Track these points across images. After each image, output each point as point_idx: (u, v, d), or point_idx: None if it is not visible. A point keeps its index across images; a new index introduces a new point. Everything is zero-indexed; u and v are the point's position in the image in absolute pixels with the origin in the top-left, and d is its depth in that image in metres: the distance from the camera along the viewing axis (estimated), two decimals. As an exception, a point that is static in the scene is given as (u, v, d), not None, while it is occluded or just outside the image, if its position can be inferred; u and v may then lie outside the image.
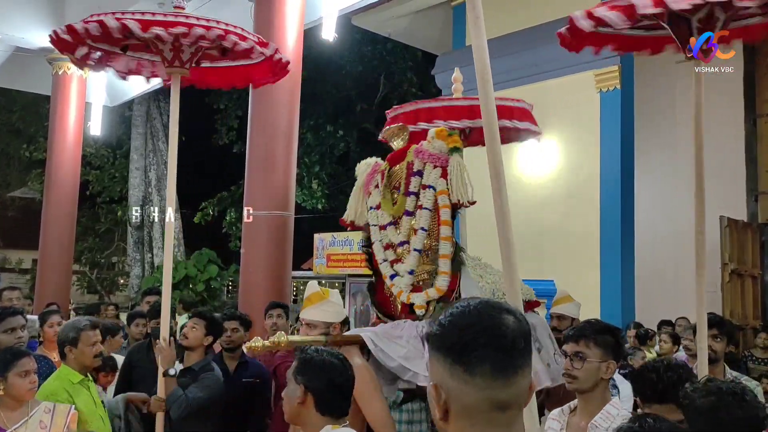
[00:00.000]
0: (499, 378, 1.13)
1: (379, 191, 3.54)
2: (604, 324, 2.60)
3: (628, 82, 7.45)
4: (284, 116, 5.82)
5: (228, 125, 17.04)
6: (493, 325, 1.15)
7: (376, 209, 3.54)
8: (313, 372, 2.19)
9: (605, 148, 7.40)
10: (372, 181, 3.58)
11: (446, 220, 3.30)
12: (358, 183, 3.68)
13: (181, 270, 13.54)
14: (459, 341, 1.15)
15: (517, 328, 1.16)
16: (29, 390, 2.91)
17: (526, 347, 1.17)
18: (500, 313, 1.17)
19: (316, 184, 17.47)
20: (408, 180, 3.43)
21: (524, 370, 1.16)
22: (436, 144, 3.36)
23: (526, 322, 1.20)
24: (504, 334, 1.15)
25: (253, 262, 5.72)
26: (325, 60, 16.13)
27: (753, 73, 8.91)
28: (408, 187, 3.42)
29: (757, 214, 8.80)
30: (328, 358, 2.25)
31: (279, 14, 5.80)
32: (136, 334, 5.43)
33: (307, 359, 2.24)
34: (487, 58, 2.11)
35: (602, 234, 7.27)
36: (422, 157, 3.38)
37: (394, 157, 3.60)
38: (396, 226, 3.45)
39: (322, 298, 3.36)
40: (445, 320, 1.19)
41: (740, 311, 8.01)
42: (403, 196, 3.44)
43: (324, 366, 2.21)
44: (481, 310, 1.18)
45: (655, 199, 8.89)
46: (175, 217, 16.61)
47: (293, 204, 5.96)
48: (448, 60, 9.08)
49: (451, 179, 3.28)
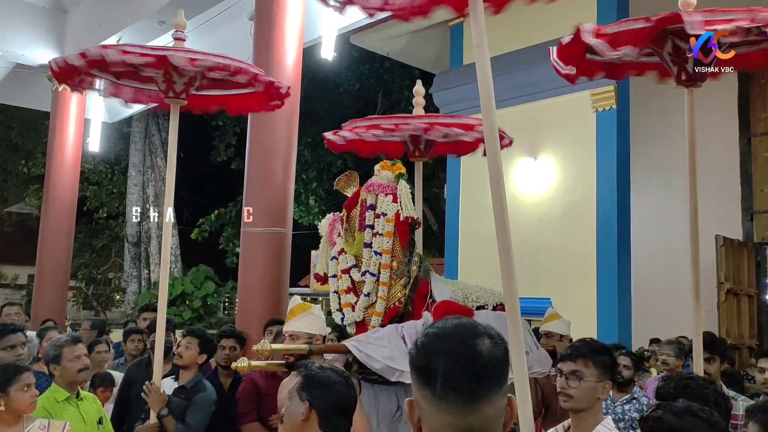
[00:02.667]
0: (467, 405, 1.12)
1: (341, 238, 3.78)
2: (600, 344, 2.59)
3: (623, 101, 7.52)
4: (283, 134, 5.86)
5: (226, 142, 17.11)
6: (465, 351, 1.14)
7: (337, 257, 3.78)
8: (318, 389, 2.18)
9: (601, 167, 7.45)
10: (333, 231, 3.84)
11: (389, 231, 3.57)
12: (323, 238, 3.91)
13: (177, 286, 13.52)
14: (428, 365, 1.15)
15: (491, 353, 1.15)
16: (31, 404, 2.92)
17: (499, 373, 1.16)
18: (475, 338, 1.16)
19: (313, 200, 17.50)
20: (362, 216, 3.71)
21: (493, 397, 1.14)
22: (383, 174, 3.69)
23: (503, 345, 1.18)
24: (474, 360, 1.13)
25: (250, 278, 5.73)
26: (324, 78, 16.25)
27: (747, 93, 9.01)
28: (363, 223, 3.69)
29: (753, 234, 8.84)
30: (332, 375, 2.24)
31: (278, 33, 5.85)
32: (132, 350, 5.44)
33: (312, 376, 2.22)
34: (490, 78, 2.13)
35: (599, 252, 7.29)
36: (373, 189, 3.69)
37: (350, 203, 3.89)
38: (358, 267, 3.69)
39: (305, 309, 3.39)
40: (420, 340, 1.19)
41: (736, 330, 8.03)
42: (359, 232, 3.69)
43: (329, 384, 2.20)
44: (456, 334, 1.17)
45: (651, 218, 8.93)
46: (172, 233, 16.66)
47: (291, 221, 5.98)
48: (446, 79, 9.17)
49: (401, 200, 3.59)
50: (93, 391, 4.35)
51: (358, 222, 3.73)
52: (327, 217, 3.99)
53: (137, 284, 16.51)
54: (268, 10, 5.93)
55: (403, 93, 16.93)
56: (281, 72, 5.81)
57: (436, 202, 16.67)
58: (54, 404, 3.31)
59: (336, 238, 3.81)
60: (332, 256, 3.81)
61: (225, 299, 15.89)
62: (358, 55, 15.34)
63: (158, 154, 16.56)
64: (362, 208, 3.74)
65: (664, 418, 1.71)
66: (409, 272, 3.57)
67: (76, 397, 3.46)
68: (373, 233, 3.63)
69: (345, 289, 3.69)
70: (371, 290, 3.60)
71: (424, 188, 15.97)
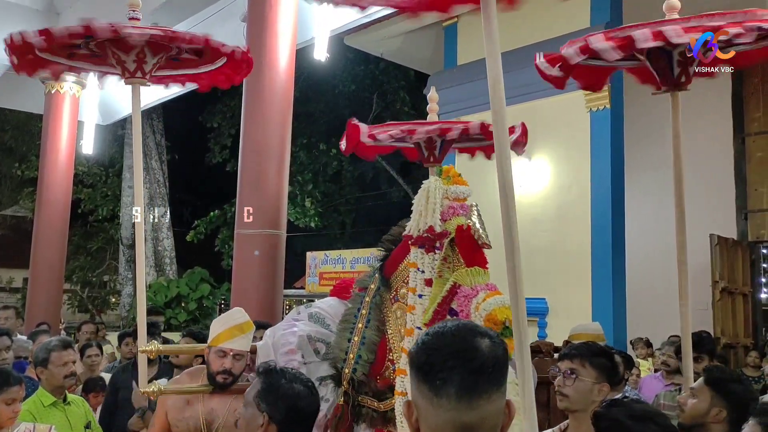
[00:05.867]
0: (464, 401, 1.14)
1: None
2: (600, 346, 2.59)
3: (617, 101, 7.53)
4: (276, 135, 5.84)
5: (221, 144, 17.08)
6: (464, 348, 1.16)
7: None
8: (278, 400, 1.98)
9: (596, 167, 7.45)
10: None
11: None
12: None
13: (173, 288, 13.49)
14: (427, 361, 1.17)
15: (490, 352, 1.17)
16: (9, 419, 2.87)
17: (498, 371, 1.17)
18: (474, 336, 1.19)
19: (309, 202, 17.49)
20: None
21: (492, 395, 1.16)
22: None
23: (503, 346, 1.21)
24: (473, 357, 1.15)
25: (244, 280, 5.70)
26: (318, 79, 16.24)
27: (741, 93, 9.02)
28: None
29: (747, 233, 8.85)
30: (296, 384, 2.04)
31: (271, 34, 5.84)
32: (126, 353, 5.42)
33: (272, 384, 2.02)
34: (501, 76, 2.08)
35: (593, 252, 7.30)
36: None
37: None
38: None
39: (251, 328, 3.07)
40: (420, 339, 1.22)
41: (731, 329, 8.03)
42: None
43: (291, 394, 2.00)
44: (456, 332, 1.19)
45: (646, 217, 8.94)
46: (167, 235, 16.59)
47: (285, 222, 5.96)
48: (440, 79, 9.16)
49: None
50: (85, 396, 4.32)
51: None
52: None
53: (132, 287, 16.47)
54: (260, 11, 5.91)
55: (399, 94, 16.93)
56: (274, 72, 5.80)
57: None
58: (40, 408, 3.29)
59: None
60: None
61: (221, 301, 15.86)
62: (352, 56, 15.34)
63: (153, 156, 16.52)
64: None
65: (621, 421, 1.68)
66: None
67: (63, 401, 3.43)
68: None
69: None
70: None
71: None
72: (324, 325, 3.16)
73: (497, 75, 2.06)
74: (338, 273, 12.32)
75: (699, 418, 2.42)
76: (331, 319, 3.18)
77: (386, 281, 3.15)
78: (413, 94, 15.97)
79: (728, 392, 2.43)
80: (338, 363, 2.95)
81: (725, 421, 2.39)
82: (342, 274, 11.94)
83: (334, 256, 12.73)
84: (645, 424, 1.65)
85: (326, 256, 12.98)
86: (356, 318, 3.09)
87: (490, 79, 2.04)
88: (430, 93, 4.24)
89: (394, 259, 3.16)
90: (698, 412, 2.42)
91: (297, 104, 6.09)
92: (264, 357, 3.03)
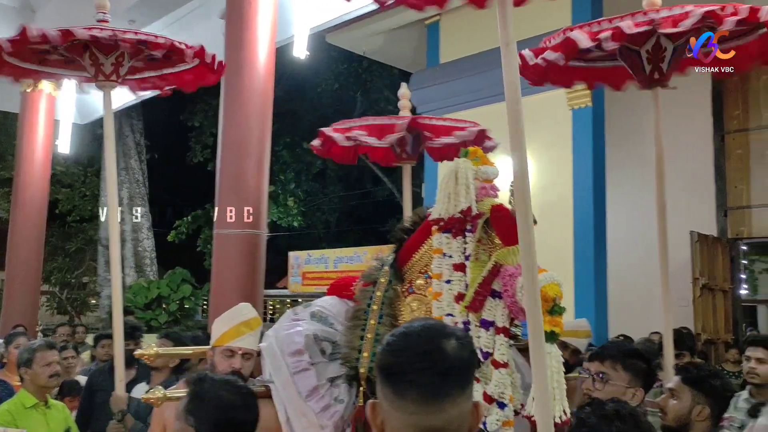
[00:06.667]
0: (428, 404, 1.11)
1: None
2: (635, 348, 2.43)
3: (598, 99, 7.54)
4: (256, 134, 5.77)
5: (203, 143, 16.94)
6: (429, 350, 1.13)
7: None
8: (206, 411, 1.77)
9: (577, 165, 7.46)
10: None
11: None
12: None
13: (153, 290, 13.34)
14: (392, 363, 1.14)
15: (456, 353, 1.14)
16: None
17: (463, 374, 1.14)
18: (441, 338, 1.15)
19: (291, 201, 17.40)
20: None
21: (456, 398, 1.13)
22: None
23: (470, 347, 1.18)
24: (438, 360, 1.12)
25: (224, 281, 5.63)
26: (302, 78, 16.16)
27: (721, 91, 9.09)
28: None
29: (727, 229, 8.92)
30: (226, 393, 1.81)
31: (250, 31, 5.77)
32: (102, 355, 5.36)
33: (199, 394, 1.80)
34: (518, 80, 2.04)
35: (575, 250, 7.31)
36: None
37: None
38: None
39: (259, 324, 2.91)
40: (386, 339, 1.19)
41: (712, 325, 8.09)
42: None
43: (220, 404, 1.78)
44: (422, 333, 1.16)
45: (627, 215, 8.98)
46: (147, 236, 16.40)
47: (265, 222, 5.89)
48: (423, 78, 9.14)
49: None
50: (61, 399, 4.25)
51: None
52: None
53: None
54: (239, 8, 5.84)
55: (383, 92, 16.88)
56: (253, 70, 5.73)
57: (418, 203, 16.67)
58: (20, 410, 3.26)
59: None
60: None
61: (203, 302, 15.73)
62: (336, 55, 15.27)
63: (132, 156, 16.33)
64: None
65: (586, 420, 1.63)
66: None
67: (44, 404, 3.39)
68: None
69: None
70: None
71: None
72: (327, 323, 3.00)
73: (513, 64, 2.00)
74: (321, 273, 12.26)
75: (683, 419, 2.38)
76: (334, 318, 3.03)
77: (399, 273, 3.05)
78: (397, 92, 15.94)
79: (708, 389, 2.39)
80: (351, 362, 2.81)
81: (708, 418, 2.36)
82: (325, 274, 11.88)
83: (317, 256, 12.67)
84: (613, 424, 1.58)
85: (309, 255, 12.91)
86: (367, 314, 2.95)
87: (505, 67, 1.99)
88: (401, 90, 4.21)
89: (408, 248, 3.06)
90: (681, 412, 2.37)
91: (280, 103, 6.03)
92: (270, 359, 2.86)
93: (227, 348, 2.77)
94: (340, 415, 2.73)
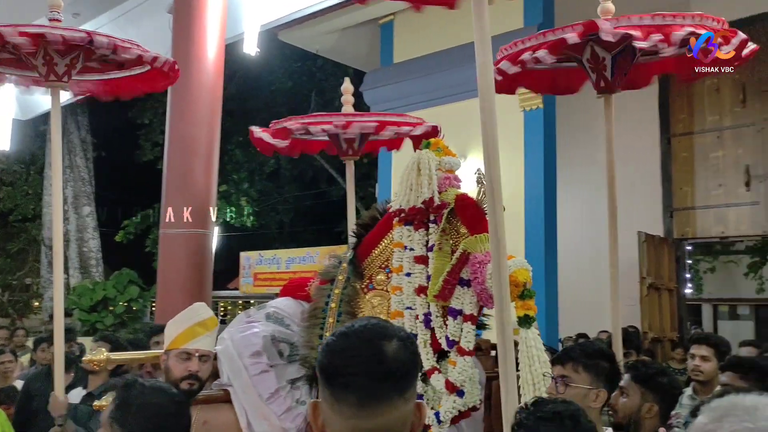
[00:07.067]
0: (365, 408, 1.07)
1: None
2: (598, 347, 2.42)
3: (549, 101, 7.63)
4: (204, 132, 5.63)
5: (152, 141, 16.53)
6: (368, 352, 1.10)
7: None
8: (134, 419, 1.66)
9: (529, 166, 7.54)
10: None
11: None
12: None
13: (98, 291, 12.93)
14: (330, 365, 1.11)
15: (396, 355, 1.10)
16: None
17: (404, 377, 1.11)
18: (382, 339, 1.11)
19: (244, 201, 17.14)
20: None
21: (397, 401, 1.09)
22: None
23: (412, 349, 1.14)
24: (377, 361, 1.09)
25: (170, 282, 5.48)
26: (255, 76, 15.93)
27: (667, 95, 9.32)
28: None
29: (673, 230, 9.15)
30: (156, 400, 1.71)
31: (199, 27, 5.63)
32: (42, 359, 5.20)
33: (127, 401, 1.69)
34: (492, 78, 2.04)
35: (527, 250, 7.37)
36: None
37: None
38: None
39: (216, 324, 2.76)
40: (327, 340, 1.15)
41: (658, 324, 8.28)
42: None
43: (149, 413, 1.67)
44: (363, 334, 1.12)
45: (577, 215, 9.12)
46: (93, 236, 15.90)
47: (213, 222, 5.76)
48: (376, 77, 9.10)
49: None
50: (-6, 407, 4.07)
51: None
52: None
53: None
54: (187, 3, 5.71)
55: (337, 91, 16.67)
56: (202, 66, 5.59)
57: (372, 201, 16.64)
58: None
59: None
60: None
61: (151, 304, 15.35)
62: (290, 53, 15.10)
63: (77, 153, 15.80)
64: None
65: (524, 423, 1.59)
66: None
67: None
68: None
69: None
70: None
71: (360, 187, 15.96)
72: (284, 325, 2.94)
73: (487, 61, 2.03)
74: (273, 273, 12.09)
75: (633, 416, 2.41)
76: (290, 319, 2.97)
77: (358, 270, 3.00)
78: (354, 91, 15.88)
79: (656, 386, 2.43)
80: (311, 363, 2.75)
81: (657, 415, 2.39)
82: (277, 275, 11.73)
83: (269, 257, 12.50)
84: (551, 424, 1.54)
85: (261, 256, 12.73)
86: (325, 313, 2.90)
87: (479, 66, 2.00)
88: (345, 84, 4.20)
89: (367, 244, 3.02)
90: (631, 410, 2.40)
91: (233, 101, 5.91)
92: (228, 362, 2.78)
93: (183, 350, 2.63)
94: (303, 418, 2.68)
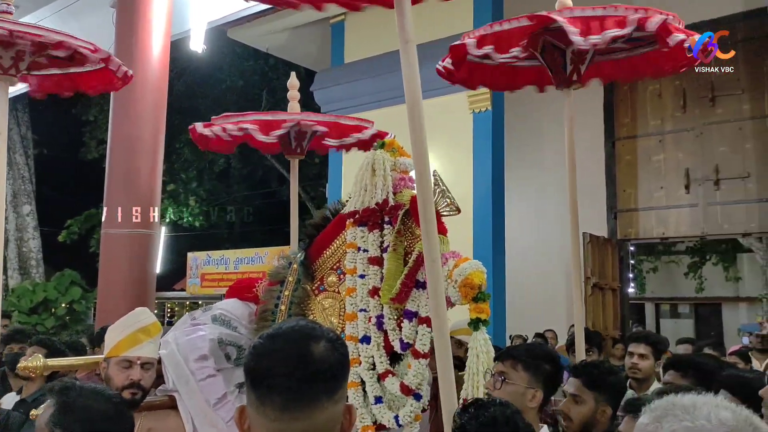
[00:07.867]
0: (290, 411, 1.06)
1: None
2: (545, 350, 2.40)
3: (498, 103, 7.73)
4: (149, 129, 5.51)
5: (98, 138, 16.08)
6: (295, 353, 1.08)
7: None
8: (75, 424, 1.61)
9: (477, 168, 7.62)
10: None
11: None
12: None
13: (39, 293, 12.51)
14: (256, 367, 1.09)
15: (324, 356, 1.09)
16: None
17: (333, 378, 1.10)
18: (309, 340, 1.10)
19: (193, 200, 16.83)
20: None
21: (325, 403, 1.08)
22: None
23: (341, 350, 1.13)
24: (303, 363, 1.07)
25: (112, 283, 5.35)
26: (205, 73, 15.66)
27: (612, 100, 9.57)
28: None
29: (616, 231, 9.40)
30: (96, 404, 1.66)
31: (143, 22, 5.50)
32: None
33: (66, 405, 1.64)
34: (418, 84, 2.05)
35: (475, 251, 7.44)
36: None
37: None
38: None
39: (159, 331, 2.65)
40: (254, 342, 1.14)
41: (601, 322, 8.48)
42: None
43: (89, 417, 1.62)
44: (289, 336, 1.11)
45: (525, 217, 9.28)
46: (33, 235, 15.37)
47: (158, 221, 5.63)
48: (327, 77, 9.06)
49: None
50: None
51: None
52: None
53: (-6, 292, 15.16)
54: (131, -4, 5.57)
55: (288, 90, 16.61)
56: (146, 62, 5.47)
57: (323, 201, 16.55)
58: None
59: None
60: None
61: (94, 306, 14.93)
62: (241, 51, 14.91)
63: (17, 150, 15.26)
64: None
65: (465, 427, 1.59)
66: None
67: None
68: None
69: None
70: None
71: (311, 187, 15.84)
72: (231, 327, 2.88)
73: (413, 71, 2.09)
74: (221, 274, 11.92)
75: (589, 423, 2.32)
76: (238, 321, 2.92)
77: (309, 271, 2.95)
78: (302, 91, 15.75)
79: (608, 387, 2.36)
80: None
81: (609, 416, 2.34)
82: (225, 275, 11.57)
83: (217, 257, 12.31)
84: (489, 429, 1.55)
85: (209, 256, 12.53)
86: (275, 315, 2.86)
87: (409, 104, 2.01)
88: (291, 80, 4.17)
89: (319, 245, 2.98)
90: (587, 417, 2.32)
91: (181, 99, 5.80)
92: (173, 367, 2.69)
93: (124, 358, 2.50)
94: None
